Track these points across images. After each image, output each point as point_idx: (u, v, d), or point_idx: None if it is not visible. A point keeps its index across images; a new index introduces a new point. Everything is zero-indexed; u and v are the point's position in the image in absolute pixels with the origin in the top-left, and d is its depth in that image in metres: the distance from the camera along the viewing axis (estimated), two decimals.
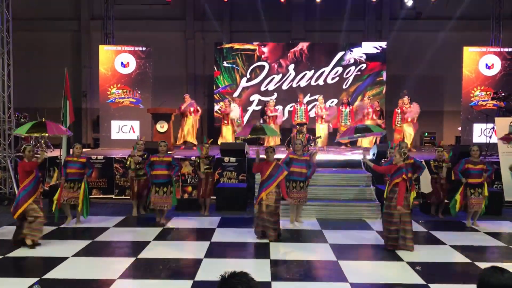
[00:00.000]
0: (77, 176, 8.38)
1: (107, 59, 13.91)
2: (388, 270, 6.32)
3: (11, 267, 6.28)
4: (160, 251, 6.97)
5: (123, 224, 8.67)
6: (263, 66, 15.41)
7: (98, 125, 14.63)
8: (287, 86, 15.34)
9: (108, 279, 5.72)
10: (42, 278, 5.63)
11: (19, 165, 7.27)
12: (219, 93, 15.50)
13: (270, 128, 9.44)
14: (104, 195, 10.81)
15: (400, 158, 6.99)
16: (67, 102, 10.53)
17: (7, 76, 10.94)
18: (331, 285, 5.69)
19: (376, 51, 15.28)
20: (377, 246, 7.31)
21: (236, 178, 10.65)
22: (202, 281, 5.67)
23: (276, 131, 10.72)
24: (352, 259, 6.69)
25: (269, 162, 7.57)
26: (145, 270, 6.10)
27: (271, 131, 9.31)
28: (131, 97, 13.79)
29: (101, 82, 13.95)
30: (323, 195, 9.64)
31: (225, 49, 15.48)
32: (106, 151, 12.31)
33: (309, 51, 15.35)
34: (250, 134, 8.93)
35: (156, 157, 8.56)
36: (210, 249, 7.06)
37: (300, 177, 8.42)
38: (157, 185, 8.45)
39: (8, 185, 10.73)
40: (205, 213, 9.40)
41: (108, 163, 10.89)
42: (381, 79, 15.28)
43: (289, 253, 6.95)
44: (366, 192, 9.73)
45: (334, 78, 15.27)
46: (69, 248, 6.96)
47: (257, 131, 8.88)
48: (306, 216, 9.04)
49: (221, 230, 8.22)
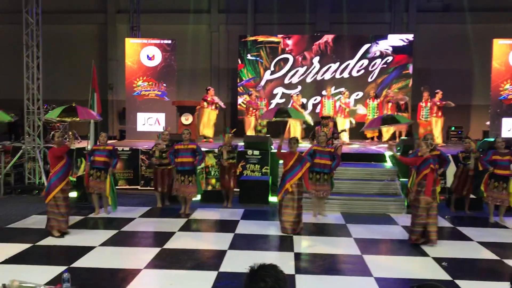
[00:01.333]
0: (103, 165, 8.51)
1: (133, 52, 14.05)
2: (413, 265, 6.26)
3: (40, 255, 6.44)
4: (185, 242, 7.05)
5: (148, 214, 8.80)
6: (287, 59, 15.34)
7: (124, 117, 14.82)
8: (311, 79, 15.25)
9: (135, 268, 5.82)
10: (71, 267, 5.76)
11: (49, 152, 7.42)
12: (242, 86, 15.51)
13: (295, 111, 9.33)
14: (130, 186, 10.98)
15: (427, 148, 6.90)
16: (95, 94, 10.69)
17: (36, 69, 11.17)
18: (355, 279, 5.67)
19: (403, 43, 15.04)
20: (402, 241, 7.24)
21: (259, 171, 10.67)
22: (226, 272, 5.72)
23: (302, 114, 10.61)
24: (377, 254, 6.65)
25: (292, 153, 7.56)
26: (170, 260, 6.18)
27: (297, 114, 9.18)
28: (156, 90, 13.92)
29: (127, 74, 14.11)
30: (347, 189, 9.59)
31: (249, 42, 15.47)
32: (132, 143, 12.47)
33: (334, 43, 15.21)
34: (275, 117, 8.86)
35: (181, 145, 8.61)
36: (234, 240, 7.11)
37: (323, 169, 8.38)
38: (182, 173, 8.50)
39: (37, 176, 10.98)
40: (228, 205, 9.45)
41: (134, 155, 11.04)
42: (408, 72, 15.04)
43: (312, 247, 6.95)
44: (391, 187, 9.63)
45: (359, 71, 15.11)
46: (97, 238, 7.11)
47: (282, 114, 8.77)
48: (330, 210, 9.01)
49: (245, 222, 8.27)
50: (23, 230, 7.57)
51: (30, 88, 11.13)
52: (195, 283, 5.42)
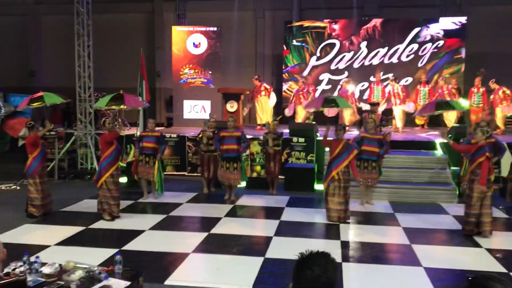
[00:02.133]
0: (152, 150, 8.71)
1: (179, 40, 14.20)
2: (465, 256, 6.06)
3: (93, 238, 6.68)
4: (231, 227, 7.12)
5: (195, 200, 8.94)
6: (334, 44, 15.06)
7: (171, 105, 15.06)
8: (358, 64, 14.92)
9: (183, 252, 5.93)
10: (122, 249, 5.94)
11: (101, 138, 7.68)
12: (288, 72, 15.38)
13: (343, 100, 9.16)
14: (177, 172, 11.18)
15: (482, 136, 6.61)
16: (143, 82, 10.90)
17: (87, 57, 11.50)
18: (403, 268, 5.56)
19: (455, 26, 14.43)
20: (454, 231, 7.02)
21: (305, 158, 10.60)
22: (272, 259, 5.74)
23: (349, 104, 10.42)
24: (427, 244, 6.47)
25: (339, 141, 7.43)
26: (217, 245, 6.26)
27: (344, 103, 9.02)
28: (202, 77, 14.04)
29: (174, 62, 14.29)
30: (396, 178, 9.36)
31: (295, 28, 15.28)
32: (179, 130, 12.67)
33: (382, 27, 14.79)
34: (322, 106, 8.74)
35: (226, 132, 8.67)
36: (280, 227, 7.11)
37: (371, 156, 8.21)
38: (227, 160, 8.56)
39: (89, 161, 11.37)
40: (273, 192, 9.46)
41: (181, 142, 11.22)
42: (460, 57, 14.44)
43: (360, 235, 6.85)
44: (442, 175, 9.34)
45: (409, 56, 14.64)
46: (146, 222, 7.30)
47: (329, 103, 8.64)
48: (378, 198, 8.84)
49: (290, 209, 8.25)
50: (77, 214, 7.88)
51: (82, 76, 11.48)
52: (241, 268, 5.47)
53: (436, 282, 5.04)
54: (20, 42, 17.84)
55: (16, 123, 10.02)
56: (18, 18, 17.83)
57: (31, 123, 7.88)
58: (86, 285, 3.57)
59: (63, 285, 3.56)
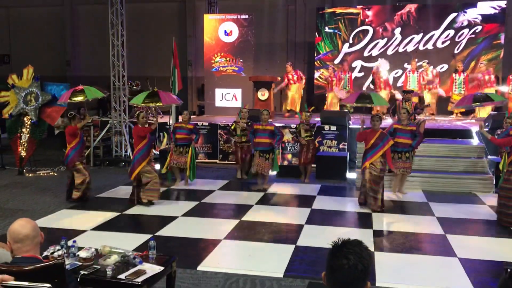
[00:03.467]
0: (185, 141, 8.85)
1: (211, 28, 14.22)
2: (502, 247, 5.91)
3: (127, 224, 6.84)
4: (263, 214, 7.15)
5: (227, 187, 9.01)
6: (367, 31, 14.77)
7: (203, 93, 15.16)
8: (392, 51, 14.59)
9: (215, 239, 6.00)
10: (155, 235, 6.05)
11: (134, 130, 7.83)
12: (319, 59, 15.21)
13: (378, 97, 9.03)
14: (209, 160, 11.28)
15: None
16: (176, 70, 10.99)
17: (121, 46, 11.67)
18: (437, 259, 5.46)
19: (494, 11, 13.91)
20: (490, 221, 6.85)
21: (337, 146, 10.51)
22: (304, 247, 5.74)
23: (385, 100, 10.26)
24: (462, 234, 6.33)
25: (374, 131, 7.32)
26: (249, 232, 6.30)
27: (379, 100, 8.90)
28: (233, 65, 14.04)
29: (206, 50, 14.34)
30: (430, 167, 9.18)
31: (327, 14, 15.06)
32: (210, 118, 12.75)
33: (417, 13, 14.40)
34: (356, 102, 8.62)
35: (259, 125, 8.71)
36: (311, 215, 7.10)
37: (404, 148, 8.06)
38: (260, 152, 8.62)
39: (124, 149, 11.59)
40: (305, 180, 9.44)
41: (212, 130, 11.29)
42: (499, 42, 13.94)
43: (393, 224, 6.77)
44: (478, 164, 9.10)
45: (444, 42, 14.23)
46: (179, 208, 7.41)
47: (364, 99, 8.52)
48: (411, 187, 8.69)
49: (322, 197, 8.22)
50: (112, 200, 8.06)
51: (116, 65, 11.67)
52: (272, 255, 5.50)
53: (471, 273, 4.94)
54: (56, 32, 18.27)
55: (53, 111, 10.29)
56: (54, 8, 18.24)
57: (72, 113, 8.12)
58: (121, 269, 3.65)
59: (99, 269, 3.65)
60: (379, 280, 4.74)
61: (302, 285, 4.62)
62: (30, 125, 10.25)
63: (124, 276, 3.54)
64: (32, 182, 9.39)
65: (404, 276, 4.93)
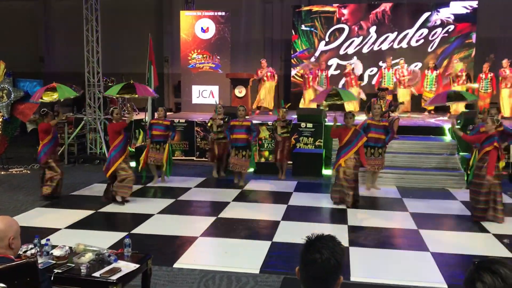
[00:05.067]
0: (162, 138, 8.79)
1: (187, 25, 14.14)
2: (472, 242, 6.07)
3: (102, 221, 6.78)
4: (239, 211, 7.17)
5: (203, 184, 9.00)
6: (343, 29, 14.92)
7: (179, 90, 15.07)
8: (367, 49, 14.79)
9: (191, 236, 6.00)
10: (131, 233, 6.02)
11: (109, 127, 7.74)
12: (296, 57, 15.30)
13: (347, 92, 9.17)
14: (186, 157, 11.24)
15: (493, 125, 6.57)
16: (151, 67, 10.90)
17: (96, 42, 11.52)
18: (410, 253, 5.58)
19: (466, 11, 14.22)
20: (462, 216, 7.02)
21: (313, 143, 10.60)
22: (280, 243, 5.79)
23: (354, 96, 10.40)
24: (434, 229, 6.47)
25: (348, 128, 7.43)
26: (225, 229, 6.32)
27: (348, 96, 9.04)
28: (210, 62, 14.00)
29: (182, 47, 14.26)
30: (403, 163, 9.35)
31: (304, 12, 15.15)
32: (187, 115, 12.70)
33: (392, 12, 14.61)
34: (326, 101, 8.74)
35: (236, 122, 8.73)
36: (287, 212, 7.16)
37: (377, 143, 8.21)
38: (237, 148, 8.65)
39: (99, 146, 11.45)
40: (281, 177, 9.50)
41: (189, 127, 11.25)
42: (470, 42, 14.26)
43: (367, 220, 6.88)
44: (450, 161, 9.31)
45: (418, 41, 14.48)
46: (155, 206, 7.37)
47: (333, 97, 8.66)
48: (385, 184, 8.84)
49: (298, 194, 8.29)
50: (86, 197, 7.96)
51: (90, 61, 11.51)
52: (249, 251, 5.53)
53: (443, 267, 5.07)
54: (30, 27, 17.89)
55: (25, 108, 10.08)
56: (27, 3, 17.87)
57: (45, 110, 7.98)
58: (96, 267, 3.62)
59: (73, 267, 3.62)
60: (353, 274, 4.82)
61: (278, 281, 4.66)
62: (2, 122, 10.04)
63: (98, 274, 3.51)
64: (4, 180, 9.20)
65: (378, 271, 5.02)
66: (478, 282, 1.62)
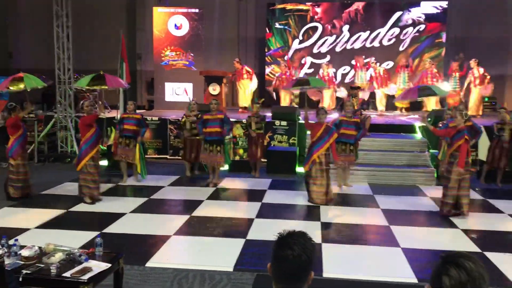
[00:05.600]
0: (132, 133, 8.66)
1: (160, 21, 14.00)
2: (441, 237, 6.22)
3: (73, 221, 6.64)
4: (213, 209, 7.15)
5: (177, 183, 8.94)
6: (316, 28, 15.03)
7: (152, 87, 14.91)
8: (340, 48, 14.93)
9: (164, 235, 5.96)
10: (103, 232, 5.94)
11: (80, 121, 7.61)
12: (270, 55, 15.33)
13: (316, 79, 9.26)
14: (159, 155, 11.13)
15: (462, 119, 6.74)
16: (123, 64, 10.77)
17: (66, 39, 11.29)
18: (381, 249, 5.68)
19: (436, 11, 14.51)
20: (431, 212, 7.18)
21: (287, 141, 10.65)
22: (254, 240, 5.81)
23: (324, 82, 10.50)
24: (405, 225, 6.61)
25: (320, 124, 7.50)
26: (199, 227, 6.30)
27: (317, 82, 9.10)
28: (184, 59, 13.91)
29: (155, 44, 14.11)
30: (375, 160, 9.50)
31: (278, 10, 15.19)
32: (160, 113, 12.57)
33: (364, 11, 14.79)
34: (294, 86, 8.83)
35: (209, 115, 8.65)
36: (261, 209, 7.18)
37: (349, 140, 8.32)
38: (210, 143, 8.54)
39: (70, 144, 11.24)
40: (256, 175, 9.52)
41: (162, 124, 11.15)
42: (440, 41, 14.56)
43: (340, 217, 6.95)
44: (421, 158, 9.49)
45: (390, 40, 14.70)
46: (127, 205, 7.29)
47: (303, 83, 8.73)
48: (357, 181, 8.95)
49: (272, 192, 8.32)
50: (57, 197, 7.82)
51: (61, 58, 11.29)
52: (223, 249, 5.52)
53: (413, 262, 5.17)
54: None
55: None
56: None
57: (12, 104, 7.80)
58: (66, 267, 3.57)
59: (42, 267, 3.55)
60: (326, 271, 4.88)
61: (252, 278, 4.66)
62: None
63: (69, 274, 3.46)
64: None
65: (350, 267, 5.09)
66: (444, 276, 1.66)
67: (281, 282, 1.91)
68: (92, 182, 7.31)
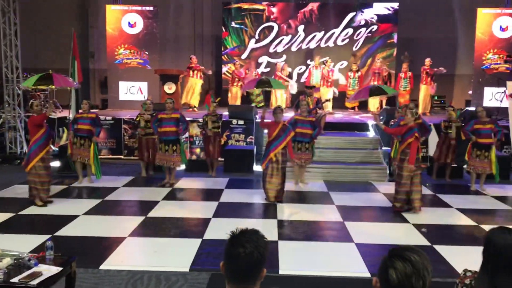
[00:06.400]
0: (87, 133, 8.47)
1: (114, 19, 13.72)
2: (393, 232, 6.40)
3: (23, 224, 6.42)
4: (169, 210, 7.08)
5: (132, 184, 8.79)
6: (272, 27, 15.13)
7: (106, 86, 14.58)
8: (296, 47, 15.10)
9: (119, 236, 5.85)
10: (54, 235, 5.76)
11: (29, 121, 7.35)
12: (227, 54, 15.32)
13: (276, 81, 9.37)
14: (113, 156, 10.90)
15: (412, 117, 6.97)
16: (75, 62, 10.47)
17: (14, 36, 10.88)
18: (336, 245, 5.79)
19: (388, 12, 14.92)
20: (384, 208, 7.38)
21: (244, 140, 10.67)
22: (210, 240, 5.79)
23: (283, 84, 10.65)
24: (358, 220, 6.77)
25: (277, 123, 7.56)
26: (155, 228, 6.22)
27: (277, 84, 9.20)
28: (138, 58, 13.68)
29: (109, 42, 13.82)
30: (330, 158, 9.68)
31: (233, 9, 15.19)
32: (114, 112, 12.32)
33: (319, 11, 15.01)
34: (256, 87, 8.90)
35: (164, 114, 8.52)
36: (218, 209, 7.17)
37: (304, 138, 8.44)
38: (166, 142, 8.45)
39: (19, 145, 10.84)
40: (212, 174, 9.49)
41: (116, 124, 10.92)
42: (392, 41, 14.99)
43: (296, 214, 7.04)
44: (374, 155, 9.75)
45: (344, 40, 15.00)
46: (80, 207, 7.10)
47: (263, 84, 8.80)
48: (313, 178, 9.09)
49: (229, 191, 8.32)
50: (6, 200, 7.52)
51: (8, 56, 10.86)
52: (179, 250, 5.48)
53: (366, 257, 5.30)
54: None
55: None
56: None
57: None
58: (15, 272, 3.45)
59: None
60: (281, 267, 4.93)
61: (208, 278, 4.66)
62: None
63: (17, 280, 3.35)
64: None
65: (305, 263, 5.16)
66: (390, 269, 1.71)
67: (234, 281, 1.92)
68: (40, 184, 7.08)
